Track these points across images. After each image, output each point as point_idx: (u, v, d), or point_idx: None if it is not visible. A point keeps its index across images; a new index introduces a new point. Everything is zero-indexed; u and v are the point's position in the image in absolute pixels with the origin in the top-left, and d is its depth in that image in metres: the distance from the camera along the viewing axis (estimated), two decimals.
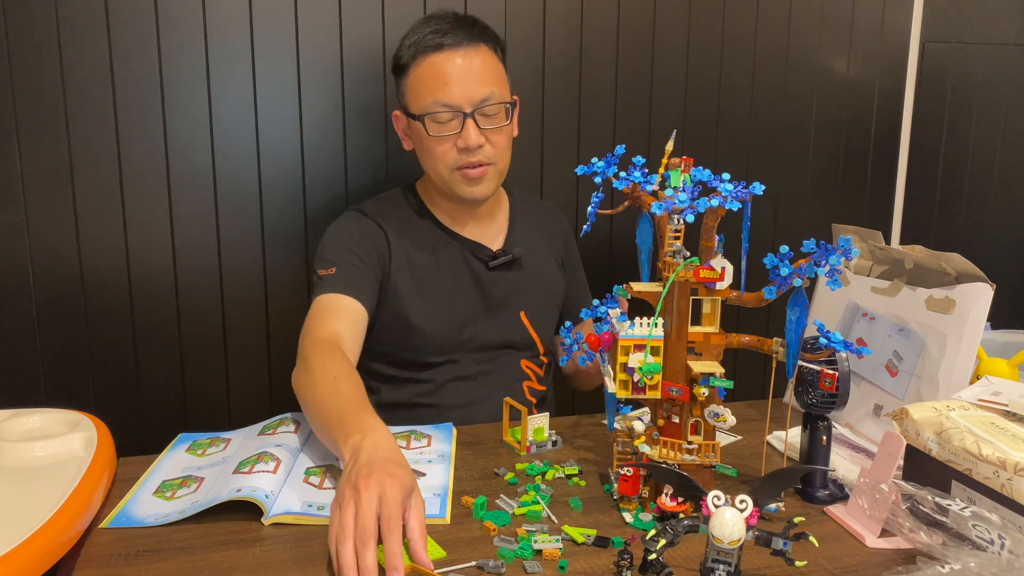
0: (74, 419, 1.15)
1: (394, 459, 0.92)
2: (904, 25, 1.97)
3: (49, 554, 0.88)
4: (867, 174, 2.02)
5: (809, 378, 1.06)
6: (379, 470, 0.88)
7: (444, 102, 1.33)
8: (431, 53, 1.34)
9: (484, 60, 1.35)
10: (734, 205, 0.93)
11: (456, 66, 1.33)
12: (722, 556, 0.81)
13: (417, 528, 0.86)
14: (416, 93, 1.36)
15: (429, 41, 1.34)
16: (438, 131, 1.35)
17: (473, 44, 1.34)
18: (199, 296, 1.61)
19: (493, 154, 1.38)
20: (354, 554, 0.83)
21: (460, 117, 1.33)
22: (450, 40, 1.33)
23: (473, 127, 1.34)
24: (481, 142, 1.35)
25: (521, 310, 1.39)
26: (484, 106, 1.34)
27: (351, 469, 0.91)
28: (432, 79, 1.33)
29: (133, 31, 1.49)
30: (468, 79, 1.33)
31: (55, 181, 1.50)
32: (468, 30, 1.35)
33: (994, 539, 0.86)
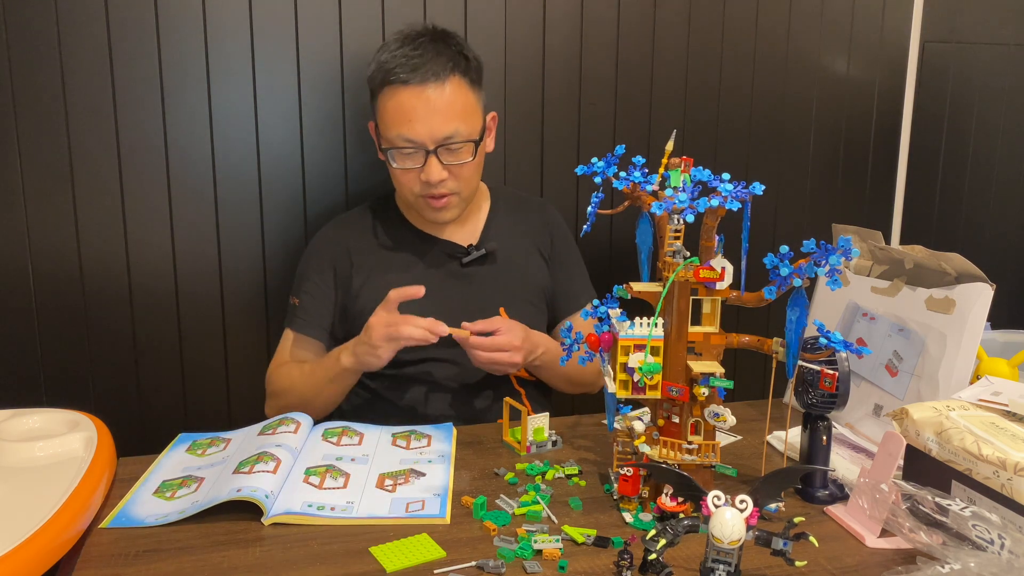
0: (74, 419, 1.15)
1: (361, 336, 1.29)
2: (904, 25, 1.97)
3: (49, 554, 0.88)
4: (867, 174, 2.02)
5: (809, 378, 1.06)
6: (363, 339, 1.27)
7: (407, 137, 1.33)
8: (397, 87, 1.33)
9: (451, 95, 1.34)
10: (734, 205, 0.93)
11: (421, 102, 1.32)
12: (722, 556, 0.81)
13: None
14: (383, 122, 1.37)
15: (397, 73, 1.33)
16: (402, 163, 1.36)
17: (439, 80, 1.33)
18: (199, 296, 1.61)
19: (456, 186, 1.38)
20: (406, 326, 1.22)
21: (423, 152, 1.34)
22: (417, 77, 1.32)
23: (435, 164, 1.34)
24: (443, 177, 1.35)
25: (501, 305, 1.38)
26: (448, 143, 1.34)
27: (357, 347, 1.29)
28: (397, 114, 1.34)
29: (133, 31, 1.49)
30: (432, 117, 1.32)
31: (55, 181, 1.50)
32: (437, 62, 1.33)
33: (994, 539, 0.86)
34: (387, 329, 1.25)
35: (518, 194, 1.61)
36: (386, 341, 1.25)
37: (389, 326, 1.25)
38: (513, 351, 1.30)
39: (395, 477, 1.11)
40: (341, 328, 1.46)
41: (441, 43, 1.36)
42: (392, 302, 1.27)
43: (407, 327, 1.24)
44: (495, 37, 1.67)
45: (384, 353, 1.27)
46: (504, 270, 1.49)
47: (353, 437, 1.23)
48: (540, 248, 1.54)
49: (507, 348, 1.30)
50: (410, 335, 1.24)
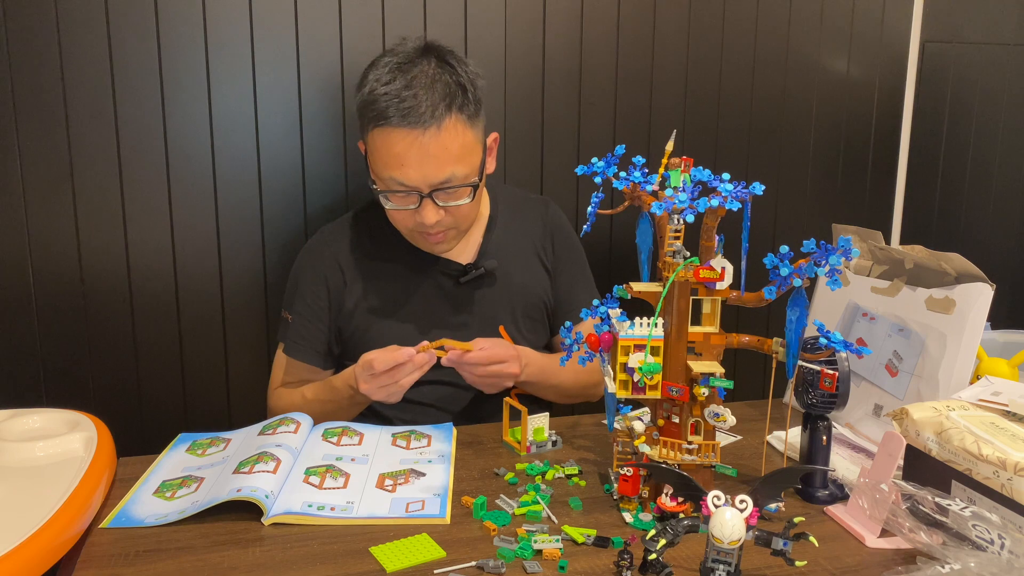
0: (74, 419, 1.15)
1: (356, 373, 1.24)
2: (904, 25, 1.97)
3: (49, 554, 0.88)
4: (867, 174, 2.02)
5: (809, 378, 1.06)
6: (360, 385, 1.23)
7: (400, 181, 1.26)
8: (390, 128, 1.23)
9: (447, 139, 1.24)
10: (734, 205, 0.93)
11: (414, 148, 1.23)
12: (722, 556, 0.81)
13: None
14: (374, 160, 1.29)
15: (388, 115, 1.23)
16: (396, 203, 1.30)
17: (435, 123, 1.23)
18: (199, 296, 1.61)
19: (454, 222, 1.32)
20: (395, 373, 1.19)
21: (417, 195, 1.27)
22: (410, 120, 1.22)
23: (430, 206, 1.27)
24: (439, 218, 1.29)
25: (500, 323, 1.34)
26: (444, 187, 1.27)
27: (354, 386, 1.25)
28: (389, 156, 1.25)
29: (133, 31, 1.49)
30: (428, 162, 1.24)
31: (55, 181, 1.50)
32: (432, 101, 1.23)
33: (994, 539, 0.86)
34: (386, 390, 1.21)
35: (519, 194, 1.55)
36: (390, 396, 1.22)
37: (385, 387, 1.21)
38: (509, 360, 1.26)
39: (395, 477, 1.11)
40: (337, 346, 1.43)
41: (437, 73, 1.26)
42: (373, 370, 1.20)
43: (403, 381, 1.20)
44: (495, 37, 1.67)
45: (393, 401, 1.24)
46: (503, 286, 1.43)
47: (353, 437, 1.23)
48: (541, 255, 1.49)
49: (503, 359, 1.26)
50: (408, 384, 1.21)
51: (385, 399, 1.23)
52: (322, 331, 1.41)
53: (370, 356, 1.21)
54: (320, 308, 1.40)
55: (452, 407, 1.41)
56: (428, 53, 1.29)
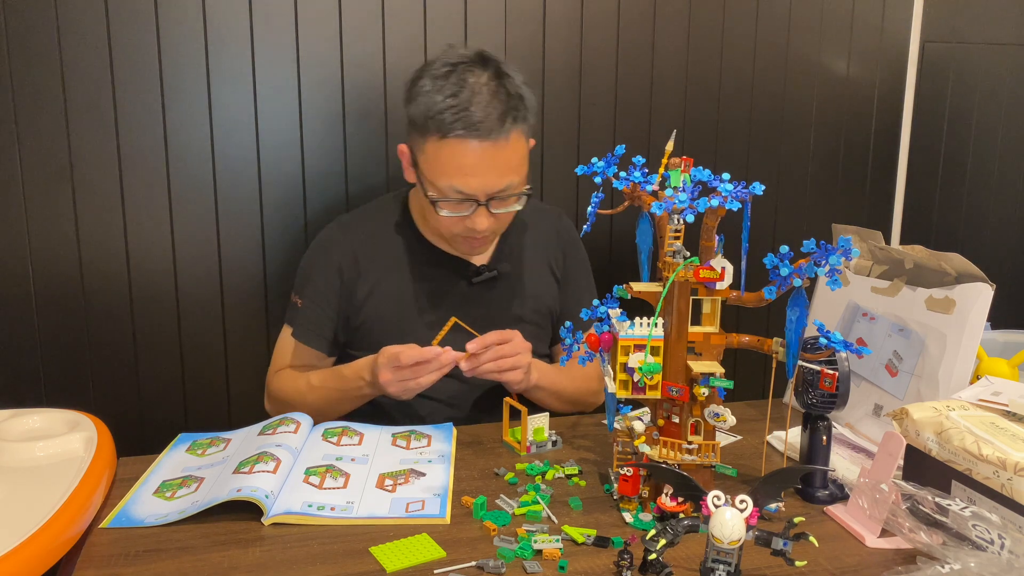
0: (74, 419, 1.15)
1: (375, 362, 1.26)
2: (904, 25, 1.97)
3: (49, 554, 0.88)
4: (867, 174, 2.02)
5: (809, 378, 1.06)
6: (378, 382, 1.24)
7: (459, 189, 1.27)
8: (457, 139, 1.24)
9: (510, 150, 1.27)
10: (734, 205, 0.93)
11: (478, 158, 1.25)
12: (722, 556, 0.81)
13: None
14: (431, 169, 1.29)
15: (453, 127, 1.24)
16: (448, 211, 1.30)
17: (503, 134, 1.25)
18: (199, 296, 1.61)
19: (498, 227, 1.36)
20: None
21: (473, 203, 1.29)
22: (478, 132, 1.24)
23: (484, 214, 1.29)
24: (489, 224, 1.31)
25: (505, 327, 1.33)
26: (500, 195, 1.29)
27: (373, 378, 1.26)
28: (452, 165, 1.26)
29: (133, 31, 1.49)
30: (490, 172, 1.26)
31: (55, 181, 1.50)
32: (496, 112, 1.25)
33: (994, 539, 0.86)
34: (404, 384, 1.22)
35: (532, 203, 1.53)
36: (406, 392, 1.24)
37: (405, 381, 1.22)
38: (516, 337, 1.27)
39: (395, 477, 1.11)
40: (343, 335, 1.44)
41: (497, 85, 1.27)
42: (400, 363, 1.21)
43: (423, 380, 1.22)
44: (495, 37, 1.67)
45: (409, 398, 1.26)
46: (512, 290, 1.45)
47: (353, 437, 1.23)
48: (552, 264, 1.51)
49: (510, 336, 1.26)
50: (429, 383, 1.22)
51: (399, 394, 1.24)
52: (331, 318, 1.42)
53: (396, 349, 1.22)
54: (331, 294, 1.41)
55: (460, 403, 1.41)
56: (485, 63, 1.29)
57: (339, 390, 1.34)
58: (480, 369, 1.25)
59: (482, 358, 1.24)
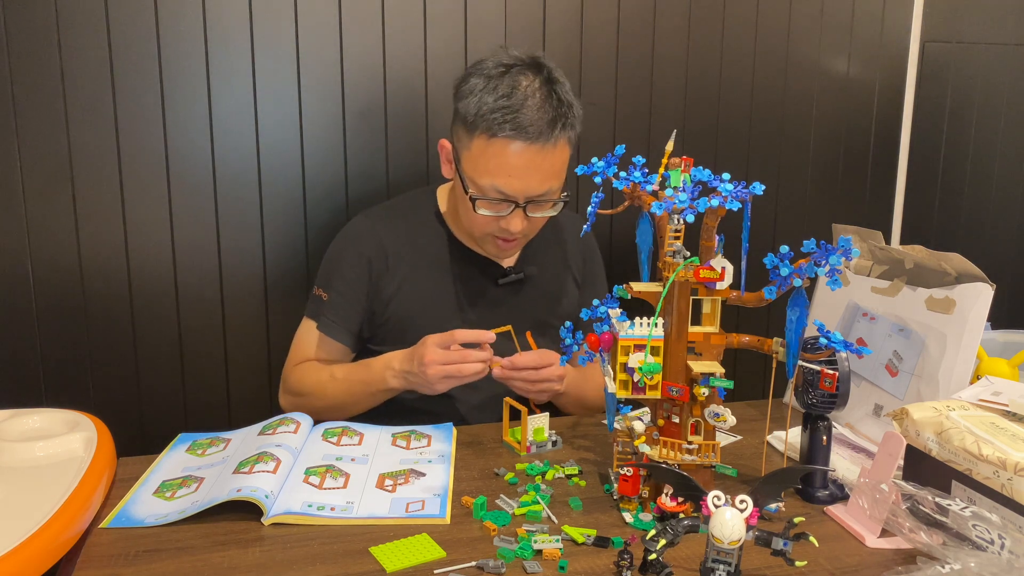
0: (74, 419, 1.15)
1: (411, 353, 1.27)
2: (904, 25, 1.97)
3: (49, 554, 0.88)
4: (867, 174, 2.02)
5: (809, 378, 1.06)
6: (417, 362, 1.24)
7: (501, 190, 1.27)
8: (506, 140, 1.25)
9: (556, 156, 1.28)
10: (734, 205, 0.93)
11: (524, 161, 1.26)
12: (722, 556, 0.81)
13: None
14: (474, 166, 1.29)
15: (503, 126, 1.24)
16: (486, 209, 1.30)
17: (551, 139, 1.26)
18: (199, 296, 1.61)
19: (531, 231, 1.36)
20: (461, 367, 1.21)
21: (511, 204, 1.29)
22: (527, 136, 1.24)
23: (520, 216, 1.30)
24: (523, 227, 1.31)
25: (528, 330, 1.34)
26: (539, 199, 1.30)
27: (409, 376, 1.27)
28: (496, 165, 1.27)
29: (133, 31, 1.49)
30: (533, 175, 1.27)
31: (55, 181, 1.50)
32: (547, 118, 1.25)
33: (994, 539, 0.86)
34: (446, 368, 1.22)
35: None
36: (444, 379, 1.23)
37: (448, 364, 1.22)
38: (556, 362, 1.27)
39: (395, 477, 1.11)
40: (367, 330, 1.43)
41: (549, 90, 1.28)
42: (452, 340, 1.23)
43: (467, 366, 1.22)
44: (495, 37, 1.67)
45: (441, 388, 1.25)
46: (537, 294, 1.46)
47: (353, 437, 1.23)
48: (574, 271, 1.52)
49: (552, 360, 1.27)
50: (471, 372, 1.22)
51: (434, 381, 1.23)
52: (358, 312, 1.41)
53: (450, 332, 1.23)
54: (360, 288, 1.41)
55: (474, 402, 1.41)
56: (539, 69, 1.30)
57: (363, 382, 1.34)
58: (512, 384, 1.26)
59: (517, 375, 1.25)
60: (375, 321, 1.42)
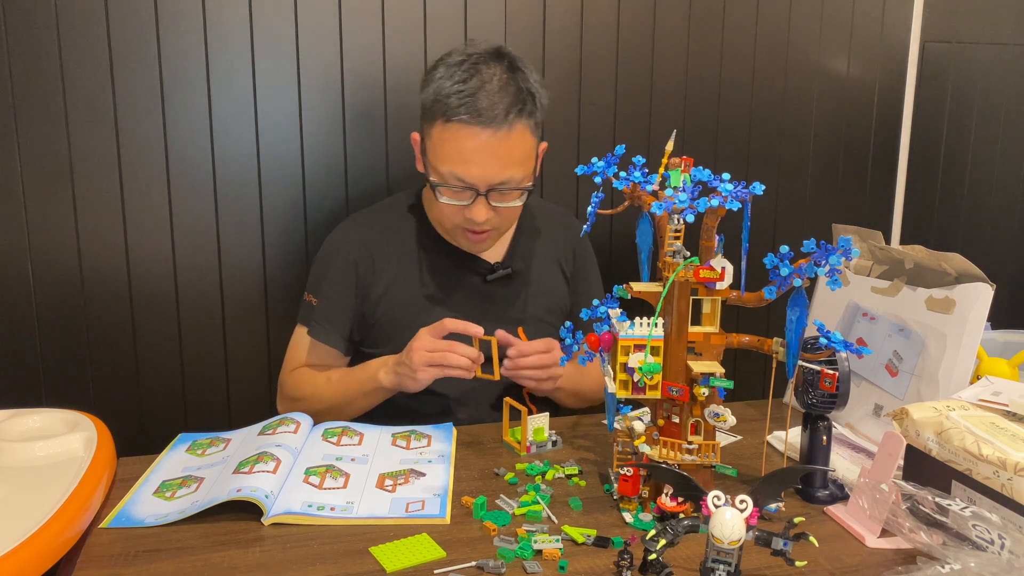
0: (74, 419, 1.15)
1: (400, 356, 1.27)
2: (904, 25, 1.97)
3: (49, 554, 0.88)
4: (867, 174, 2.02)
5: (809, 378, 1.06)
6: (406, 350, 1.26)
7: (460, 177, 1.28)
8: (460, 124, 1.25)
9: (514, 142, 1.27)
10: (734, 205, 0.93)
11: (480, 146, 1.26)
12: (722, 556, 0.81)
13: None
14: (435, 154, 1.30)
15: (458, 112, 1.25)
16: (449, 198, 1.31)
17: (504, 125, 1.25)
18: (199, 296, 1.61)
19: (499, 222, 1.35)
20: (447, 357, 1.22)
21: (473, 192, 1.29)
22: (481, 120, 1.25)
23: (483, 205, 1.30)
24: (488, 217, 1.31)
25: (520, 325, 1.35)
26: (500, 187, 1.29)
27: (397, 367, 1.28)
28: (453, 151, 1.27)
29: (133, 31, 1.49)
30: (491, 161, 1.27)
31: (55, 181, 1.50)
32: (504, 103, 1.26)
33: (994, 539, 0.86)
34: (431, 355, 1.22)
35: (545, 203, 1.58)
36: (427, 366, 1.23)
37: (434, 352, 1.22)
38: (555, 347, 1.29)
39: (395, 477, 1.11)
40: (359, 333, 1.44)
41: (509, 77, 1.28)
42: (443, 330, 1.24)
43: (453, 355, 1.22)
44: (495, 37, 1.67)
45: (423, 377, 1.24)
46: (525, 289, 1.46)
47: (353, 437, 1.23)
48: (563, 264, 1.52)
49: (551, 346, 1.28)
50: (456, 363, 1.22)
51: (414, 365, 1.23)
52: (348, 316, 1.42)
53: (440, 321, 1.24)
54: (348, 292, 1.41)
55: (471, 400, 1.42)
56: (500, 58, 1.31)
57: (358, 381, 1.35)
58: (519, 374, 1.26)
59: (524, 363, 1.26)
60: (365, 323, 1.43)
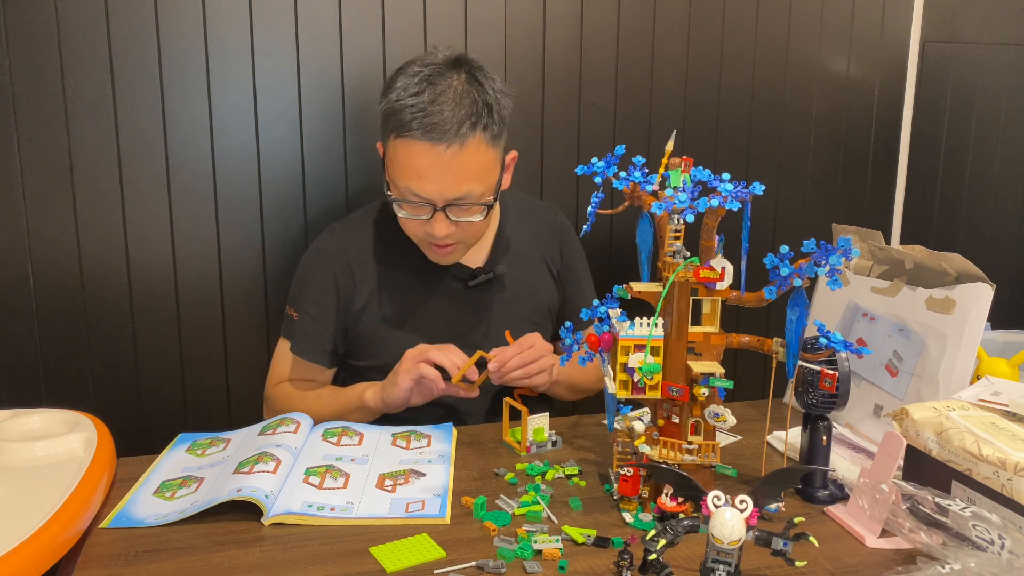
0: (74, 419, 1.15)
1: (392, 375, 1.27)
2: (904, 25, 1.97)
3: (49, 554, 0.88)
4: (867, 174, 2.02)
5: (809, 378, 1.06)
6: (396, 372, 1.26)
7: (416, 192, 1.25)
8: (413, 139, 1.23)
9: (468, 157, 1.24)
10: (734, 205, 0.93)
11: (434, 161, 1.23)
12: (722, 556, 0.81)
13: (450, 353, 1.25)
14: (392, 168, 1.28)
15: (411, 127, 1.22)
16: (409, 212, 1.29)
17: (457, 140, 1.22)
18: (199, 296, 1.61)
19: (463, 236, 1.32)
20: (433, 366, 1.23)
21: (431, 208, 1.26)
22: (433, 135, 1.21)
23: (442, 220, 1.27)
24: (449, 231, 1.28)
25: (506, 328, 1.35)
26: (459, 203, 1.26)
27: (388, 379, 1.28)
28: (408, 167, 1.25)
29: (133, 31, 1.49)
30: (445, 176, 1.23)
31: (55, 181, 1.50)
32: (457, 117, 1.22)
33: (994, 539, 0.86)
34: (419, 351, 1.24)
35: (527, 200, 1.55)
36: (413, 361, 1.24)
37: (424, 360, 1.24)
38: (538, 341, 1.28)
39: (395, 477, 1.11)
40: (343, 345, 1.43)
41: (466, 89, 1.25)
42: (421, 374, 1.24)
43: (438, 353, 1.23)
44: (495, 37, 1.67)
45: (403, 382, 1.24)
46: (510, 291, 1.44)
47: (353, 437, 1.23)
48: (549, 261, 1.50)
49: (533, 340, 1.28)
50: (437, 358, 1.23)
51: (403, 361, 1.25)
52: (330, 330, 1.40)
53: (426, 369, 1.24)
54: (329, 307, 1.40)
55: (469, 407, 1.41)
56: (459, 67, 1.28)
57: (346, 398, 1.35)
58: (508, 377, 1.25)
59: (508, 365, 1.24)
60: (349, 336, 1.42)
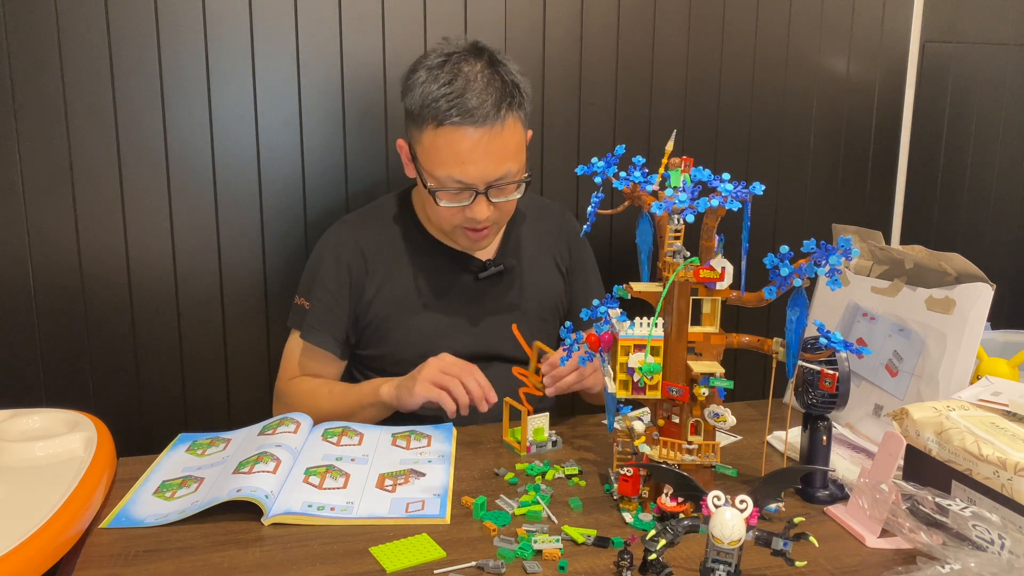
0: (74, 419, 1.15)
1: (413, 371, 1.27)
2: (904, 25, 1.97)
3: (49, 554, 0.88)
4: (867, 174, 2.02)
5: (809, 378, 1.06)
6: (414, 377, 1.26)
7: (458, 179, 1.27)
8: (453, 127, 1.25)
9: (507, 137, 1.27)
10: (734, 205, 0.93)
11: (476, 145, 1.25)
12: (722, 556, 0.81)
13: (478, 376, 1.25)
14: (429, 159, 1.29)
15: (449, 114, 1.24)
16: (448, 201, 1.30)
17: (497, 122, 1.25)
18: (199, 296, 1.61)
19: (499, 218, 1.35)
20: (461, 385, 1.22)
21: (472, 192, 1.29)
22: (473, 119, 1.24)
23: (484, 203, 1.29)
24: (489, 214, 1.31)
25: (514, 322, 1.33)
26: (498, 183, 1.29)
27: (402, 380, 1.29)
28: (449, 155, 1.26)
29: (133, 31, 1.49)
30: (487, 159, 1.26)
31: (55, 181, 1.50)
32: (492, 99, 1.25)
33: (994, 539, 0.86)
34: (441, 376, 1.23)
35: (537, 199, 1.57)
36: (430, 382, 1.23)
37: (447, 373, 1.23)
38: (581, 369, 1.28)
39: (395, 477, 1.11)
40: (354, 335, 1.43)
41: (491, 73, 1.28)
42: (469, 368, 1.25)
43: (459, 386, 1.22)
44: (495, 37, 1.67)
45: (419, 390, 1.24)
46: (519, 285, 1.45)
47: (353, 437, 1.23)
48: (557, 259, 1.51)
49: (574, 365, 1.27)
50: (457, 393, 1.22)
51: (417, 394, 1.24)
52: (341, 318, 1.41)
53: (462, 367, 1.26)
54: (342, 295, 1.40)
55: None
56: (479, 53, 1.30)
57: (357, 391, 1.35)
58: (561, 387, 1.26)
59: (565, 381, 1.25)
60: (359, 325, 1.42)
